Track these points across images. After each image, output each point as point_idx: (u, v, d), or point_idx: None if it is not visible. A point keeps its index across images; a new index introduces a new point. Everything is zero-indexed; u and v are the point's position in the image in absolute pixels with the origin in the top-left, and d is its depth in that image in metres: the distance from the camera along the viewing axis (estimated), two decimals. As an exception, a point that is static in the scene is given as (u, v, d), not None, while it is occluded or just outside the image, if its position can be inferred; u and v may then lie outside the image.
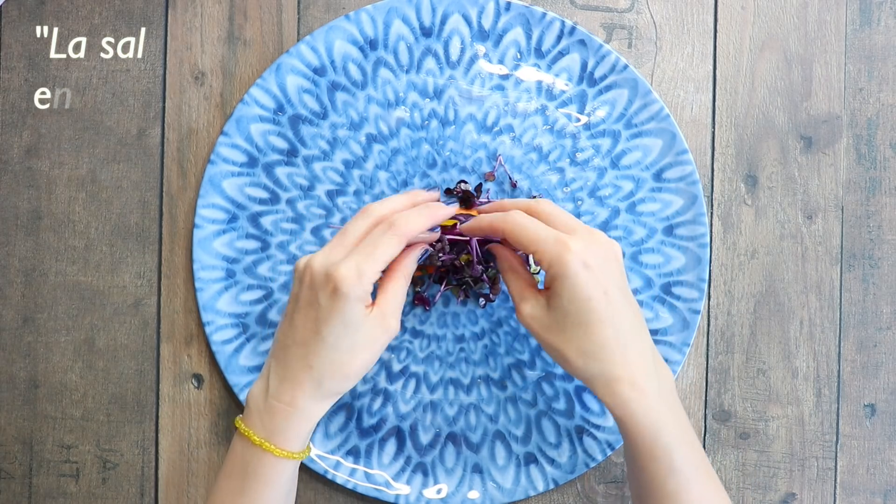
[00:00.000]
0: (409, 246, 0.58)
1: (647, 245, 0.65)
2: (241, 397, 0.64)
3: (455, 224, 0.63)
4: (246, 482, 0.53)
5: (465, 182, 0.64)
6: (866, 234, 0.67)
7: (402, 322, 0.65)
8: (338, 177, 0.65)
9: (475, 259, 0.62)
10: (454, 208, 0.59)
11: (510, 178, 0.65)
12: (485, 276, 0.63)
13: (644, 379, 0.53)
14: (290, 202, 0.65)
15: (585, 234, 0.54)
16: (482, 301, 0.65)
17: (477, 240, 0.62)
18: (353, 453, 0.65)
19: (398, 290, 0.56)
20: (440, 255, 0.62)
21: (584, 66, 0.65)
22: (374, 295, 0.56)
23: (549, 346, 0.54)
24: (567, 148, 0.65)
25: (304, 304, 0.54)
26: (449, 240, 0.62)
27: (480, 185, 0.65)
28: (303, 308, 0.54)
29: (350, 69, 0.65)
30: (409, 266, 0.57)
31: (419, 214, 0.56)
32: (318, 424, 0.64)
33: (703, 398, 0.66)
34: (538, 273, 0.64)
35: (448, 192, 0.65)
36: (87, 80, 0.67)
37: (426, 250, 0.59)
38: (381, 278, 0.56)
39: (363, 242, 0.54)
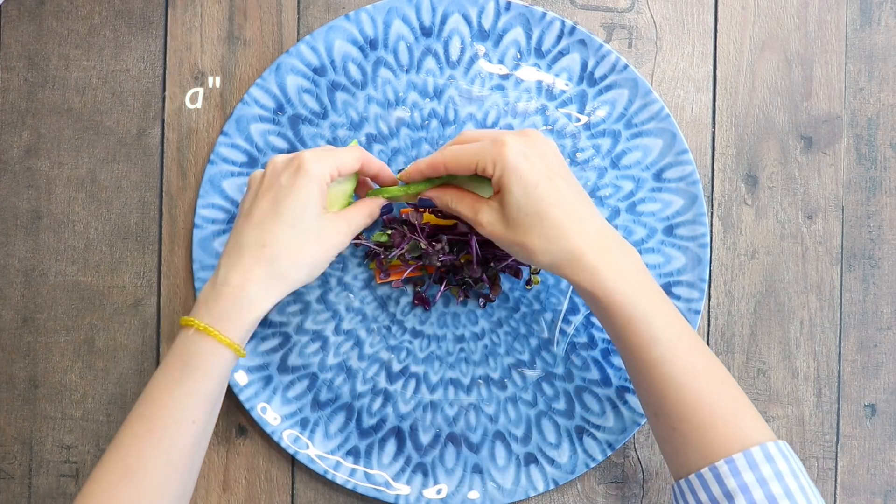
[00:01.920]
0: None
1: (647, 245, 0.65)
2: (241, 397, 0.64)
3: (455, 224, 0.63)
4: (184, 372, 0.53)
5: (465, 182, 0.64)
6: (866, 234, 0.67)
7: (402, 322, 0.65)
8: (338, 177, 0.65)
9: (475, 259, 0.62)
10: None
11: (510, 178, 0.65)
12: (485, 276, 0.63)
13: (608, 252, 0.54)
14: (289, 202, 0.65)
15: (518, 133, 0.56)
16: (482, 301, 0.65)
17: (477, 240, 0.62)
18: (353, 453, 0.65)
19: (360, 214, 0.58)
20: (440, 255, 0.62)
21: (584, 65, 0.65)
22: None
23: (513, 243, 0.55)
24: (567, 148, 0.65)
25: (265, 189, 0.56)
26: (449, 240, 0.62)
27: (480, 185, 0.65)
28: (262, 193, 0.56)
29: (350, 69, 0.65)
30: (374, 203, 0.59)
31: (377, 159, 0.60)
32: (318, 425, 0.64)
33: (704, 398, 0.66)
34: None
35: (448, 192, 0.65)
36: (87, 80, 0.67)
37: (389, 205, 0.63)
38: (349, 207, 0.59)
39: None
